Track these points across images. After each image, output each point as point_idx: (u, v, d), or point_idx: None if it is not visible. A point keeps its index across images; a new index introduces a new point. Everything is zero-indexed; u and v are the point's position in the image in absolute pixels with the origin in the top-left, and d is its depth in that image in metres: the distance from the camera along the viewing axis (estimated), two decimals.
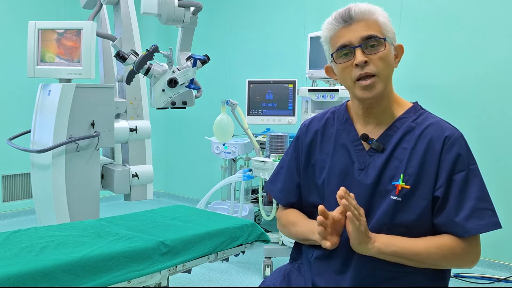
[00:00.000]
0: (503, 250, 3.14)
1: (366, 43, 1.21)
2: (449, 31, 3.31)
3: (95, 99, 2.69)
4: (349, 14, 1.23)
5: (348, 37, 1.22)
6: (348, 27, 1.23)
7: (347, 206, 1.13)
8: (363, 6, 1.23)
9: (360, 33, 1.21)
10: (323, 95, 2.94)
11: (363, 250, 1.18)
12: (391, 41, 1.25)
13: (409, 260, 1.20)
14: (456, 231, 1.19)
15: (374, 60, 1.22)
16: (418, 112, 1.31)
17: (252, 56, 4.44)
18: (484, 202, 1.20)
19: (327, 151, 1.36)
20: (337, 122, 1.38)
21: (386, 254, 1.19)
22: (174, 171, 5.22)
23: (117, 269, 1.64)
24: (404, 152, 1.25)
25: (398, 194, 1.22)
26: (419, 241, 1.20)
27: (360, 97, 1.25)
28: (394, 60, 1.27)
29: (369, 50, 1.22)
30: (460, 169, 1.21)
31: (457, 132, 1.25)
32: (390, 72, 1.26)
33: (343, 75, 1.27)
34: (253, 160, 3.12)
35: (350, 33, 1.22)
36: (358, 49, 1.21)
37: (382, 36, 1.22)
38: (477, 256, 1.23)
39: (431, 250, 1.19)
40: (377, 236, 1.20)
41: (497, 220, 1.20)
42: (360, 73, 1.22)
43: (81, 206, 2.68)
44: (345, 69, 1.25)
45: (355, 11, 1.22)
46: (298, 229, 1.38)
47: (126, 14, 2.89)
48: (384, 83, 1.24)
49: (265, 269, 3.00)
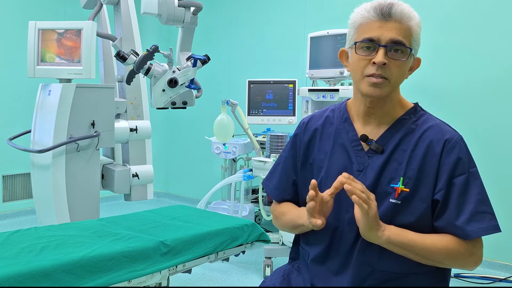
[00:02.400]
0: (503, 250, 3.14)
1: (392, 46, 1.20)
2: (455, 34, 3.31)
3: (95, 99, 2.69)
4: (389, 10, 1.19)
5: (379, 33, 1.19)
6: (383, 22, 1.20)
7: (351, 190, 1.12)
8: (405, 8, 1.21)
9: (392, 35, 1.19)
10: (323, 95, 2.94)
11: (373, 236, 1.17)
12: (414, 53, 1.24)
13: (415, 254, 1.19)
14: (457, 234, 1.19)
15: (392, 65, 1.20)
16: (419, 113, 1.29)
17: (252, 56, 4.44)
18: (484, 205, 1.20)
19: (325, 151, 1.34)
20: (336, 121, 1.36)
21: (395, 245, 1.18)
22: (174, 171, 5.22)
23: (117, 269, 1.64)
24: (404, 154, 1.24)
25: (398, 197, 1.21)
26: (427, 237, 1.20)
27: (365, 92, 1.23)
28: (408, 71, 1.26)
29: (392, 54, 1.20)
30: (460, 172, 1.20)
31: (457, 135, 1.24)
32: (401, 80, 1.25)
33: (356, 66, 1.24)
34: (253, 160, 3.12)
35: (382, 30, 1.19)
36: (382, 49, 1.19)
37: (410, 46, 1.21)
38: (480, 258, 1.22)
39: (438, 247, 1.19)
40: (387, 226, 1.19)
41: (496, 223, 1.19)
42: (374, 73, 1.20)
43: (81, 206, 2.68)
44: (361, 61, 1.22)
45: (396, 10, 1.19)
46: (287, 217, 1.38)
47: (126, 14, 2.89)
48: (392, 89, 1.23)
49: (265, 269, 3.00)
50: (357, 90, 1.28)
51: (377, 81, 1.20)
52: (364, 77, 1.22)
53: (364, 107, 1.29)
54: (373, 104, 1.27)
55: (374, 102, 1.26)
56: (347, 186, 1.13)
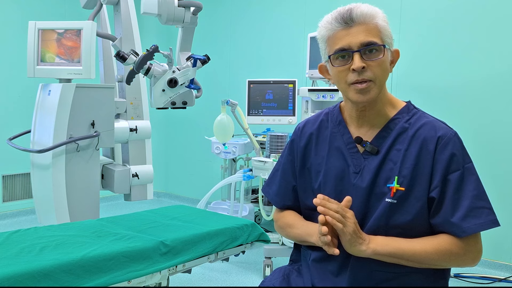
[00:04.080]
0: (503, 250, 3.14)
1: (365, 49, 1.19)
2: (450, 32, 3.31)
3: (95, 99, 2.69)
4: (350, 16, 1.20)
5: (348, 41, 1.20)
6: (348, 29, 1.20)
7: (325, 211, 1.15)
8: (365, 9, 1.21)
9: (360, 38, 1.19)
10: (323, 95, 2.94)
11: (357, 252, 1.18)
12: (389, 47, 1.23)
13: (407, 261, 1.19)
14: (453, 231, 1.19)
15: (372, 66, 1.20)
16: (411, 112, 1.29)
17: (252, 56, 4.44)
18: (480, 200, 1.19)
19: (322, 155, 1.35)
20: (331, 124, 1.36)
21: (383, 255, 1.19)
22: (174, 171, 5.22)
23: (117, 269, 1.64)
24: (398, 154, 1.24)
25: (393, 197, 1.21)
26: (416, 241, 1.20)
27: (354, 100, 1.24)
28: (390, 65, 1.26)
29: (368, 55, 1.20)
30: (454, 168, 1.20)
31: (451, 131, 1.24)
32: (386, 77, 1.25)
33: (338, 78, 1.25)
34: (253, 160, 3.12)
35: (349, 37, 1.20)
36: (357, 54, 1.19)
37: (382, 43, 1.21)
38: (478, 254, 1.22)
39: (428, 250, 1.18)
40: (372, 237, 1.20)
41: (494, 218, 1.19)
42: (357, 79, 1.20)
43: (81, 206, 2.68)
44: (341, 72, 1.23)
45: (356, 13, 1.20)
46: (295, 231, 1.38)
47: (126, 14, 2.89)
48: (379, 88, 1.23)
49: (265, 269, 3.00)
50: (346, 98, 1.29)
51: (362, 87, 1.20)
52: (349, 85, 1.22)
53: (356, 111, 1.29)
54: (364, 107, 1.27)
55: (365, 106, 1.27)
56: (320, 208, 1.16)
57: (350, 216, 1.17)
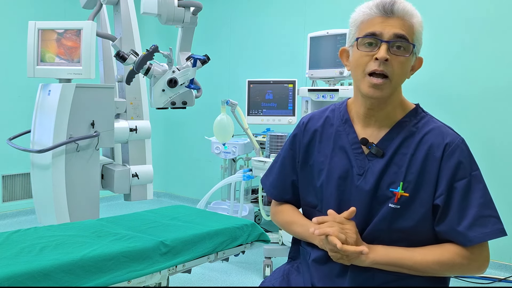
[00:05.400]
0: (503, 250, 3.14)
1: (395, 42, 1.18)
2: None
3: (95, 99, 2.69)
4: (392, 7, 1.18)
5: (381, 29, 1.18)
6: (386, 19, 1.19)
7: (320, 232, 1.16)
8: (407, 6, 1.20)
9: (395, 29, 1.18)
10: (323, 95, 2.94)
11: (356, 262, 1.18)
12: (416, 51, 1.22)
13: (408, 270, 1.19)
14: (459, 240, 1.17)
15: (394, 62, 1.18)
16: (419, 115, 1.27)
17: (252, 56, 4.44)
18: (487, 209, 1.17)
19: (325, 153, 1.32)
20: (336, 122, 1.34)
21: (383, 265, 1.19)
22: (174, 171, 5.22)
23: (117, 269, 1.64)
24: (404, 158, 1.22)
25: (397, 202, 1.20)
26: (417, 251, 1.19)
27: (365, 93, 1.21)
28: (410, 71, 1.24)
29: (394, 50, 1.19)
30: (461, 176, 1.18)
31: (458, 138, 1.22)
32: (402, 80, 1.23)
33: (357, 63, 1.22)
34: (253, 160, 3.12)
35: (384, 25, 1.18)
36: (385, 44, 1.17)
37: (412, 42, 1.20)
38: (484, 263, 1.19)
39: (429, 260, 1.18)
40: (372, 247, 1.19)
41: (501, 227, 1.17)
42: (376, 69, 1.18)
43: (81, 206, 2.68)
44: (363, 57, 1.20)
45: (398, 7, 1.18)
46: (296, 229, 1.38)
47: (126, 14, 2.88)
48: (393, 88, 1.21)
49: (265, 269, 3.00)
50: (358, 91, 1.27)
51: (377, 82, 1.18)
52: (365, 75, 1.20)
53: (365, 108, 1.27)
54: (374, 106, 1.25)
55: (374, 104, 1.24)
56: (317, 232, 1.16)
57: (349, 227, 1.18)
